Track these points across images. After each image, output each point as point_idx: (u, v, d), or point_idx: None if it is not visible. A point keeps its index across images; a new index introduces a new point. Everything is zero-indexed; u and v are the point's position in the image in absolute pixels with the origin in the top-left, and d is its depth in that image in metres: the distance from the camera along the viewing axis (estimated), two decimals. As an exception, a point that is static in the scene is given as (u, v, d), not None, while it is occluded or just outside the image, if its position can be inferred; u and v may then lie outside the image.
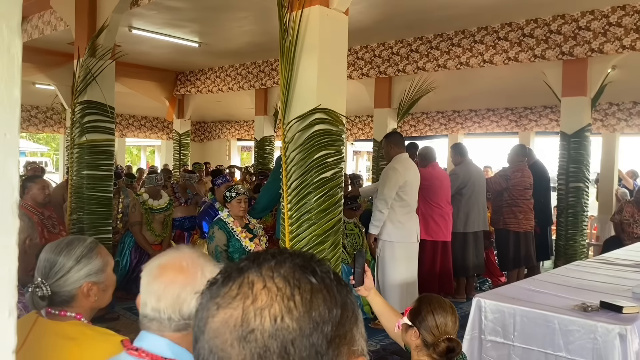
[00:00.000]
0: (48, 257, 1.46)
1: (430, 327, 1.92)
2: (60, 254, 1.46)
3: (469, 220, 5.99)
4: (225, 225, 4.13)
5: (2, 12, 0.73)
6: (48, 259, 1.46)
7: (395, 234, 4.92)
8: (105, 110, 5.29)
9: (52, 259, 1.46)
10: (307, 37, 3.48)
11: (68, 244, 1.49)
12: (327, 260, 3.44)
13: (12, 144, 0.75)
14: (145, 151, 25.45)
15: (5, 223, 0.74)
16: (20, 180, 5.53)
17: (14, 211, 0.75)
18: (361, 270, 2.12)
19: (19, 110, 0.76)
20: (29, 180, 4.29)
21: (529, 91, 9.26)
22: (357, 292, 2.19)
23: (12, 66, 0.75)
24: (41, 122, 12.71)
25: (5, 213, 0.74)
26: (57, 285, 1.43)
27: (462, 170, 6.16)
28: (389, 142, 5.14)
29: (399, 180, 4.86)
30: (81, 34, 5.47)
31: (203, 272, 1.18)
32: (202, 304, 0.60)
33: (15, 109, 0.76)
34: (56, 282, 1.43)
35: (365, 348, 0.61)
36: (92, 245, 1.52)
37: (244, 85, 9.55)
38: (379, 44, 7.75)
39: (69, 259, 1.45)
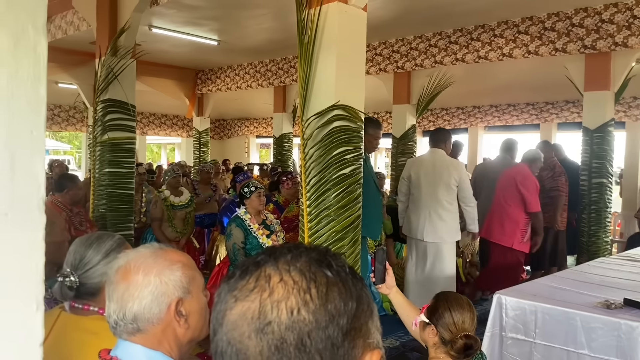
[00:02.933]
0: (78, 249, 1.51)
1: (448, 324, 1.91)
2: (90, 247, 1.51)
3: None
4: (242, 223, 4.16)
5: (28, 12, 0.74)
6: (78, 251, 1.50)
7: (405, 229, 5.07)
8: (127, 108, 5.36)
9: (81, 252, 1.50)
10: (325, 34, 3.48)
11: (98, 238, 1.54)
12: (346, 257, 3.45)
13: (38, 141, 0.77)
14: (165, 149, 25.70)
15: (33, 219, 0.76)
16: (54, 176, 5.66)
17: (41, 207, 0.77)
18: (382, 268, 2.12)
19: (45, 109, 0.78)
20: (69, 179, 4.35)
21: (550, 85, 9.13)
22: (378, 289, 2.18)
23: (38, 65, 0.77)
24: (64, 121, 12.93)
25: (32, 209, 0.76)
26: (85, 276, 1.47)
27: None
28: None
29: (404, 173, 5.10)
30: (103, 34, 5.54)
31: (146, 274, 1.14)
32: (220, 296, 0.61)
33: (41, 107, 0.77)
34: (84, 274, 1.47)
35: (380, 341, 0.62)
36: (120, 241, 1.56)
37: (263, 82, 9.59)
38: (398, 40, 7.72)
39: (97, 253, 1.49)
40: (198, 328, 1.21)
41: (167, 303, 1.14)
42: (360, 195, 3.64)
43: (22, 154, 0.74)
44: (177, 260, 1.18)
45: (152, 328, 1.13)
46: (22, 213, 0.74)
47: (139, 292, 1.12)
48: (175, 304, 1.14)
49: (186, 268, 1.19)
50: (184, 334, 1.17)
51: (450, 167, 4.79)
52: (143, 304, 1.12)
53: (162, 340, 1.14)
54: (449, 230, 4.77)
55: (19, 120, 0.74)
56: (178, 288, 1.15)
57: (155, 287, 1.13)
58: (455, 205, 4.79)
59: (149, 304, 1.12)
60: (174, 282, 1.15)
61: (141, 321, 1.12)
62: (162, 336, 1.14)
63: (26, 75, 0.75)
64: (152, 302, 1.12)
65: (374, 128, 4.43)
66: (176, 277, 1.16)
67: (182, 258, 1.21)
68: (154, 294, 1.12)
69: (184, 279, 1.17)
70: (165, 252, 1.20)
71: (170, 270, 1.15)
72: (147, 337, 1.13)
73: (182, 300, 1.16)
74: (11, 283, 0.73)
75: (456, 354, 1.89)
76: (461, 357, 1.89)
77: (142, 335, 1.12)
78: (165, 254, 1.19)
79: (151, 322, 1.12)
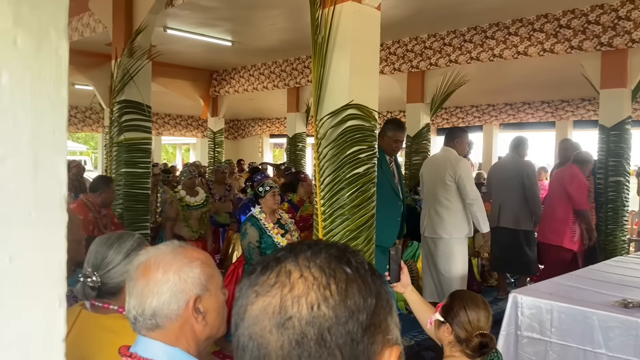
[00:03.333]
0: (99, 249, 1.53)
1: (463, 322, 1.91)
2: (111, 248, 1.53)
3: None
4: (257, 222, 4.18)
5: (50, 15, 0.76)
6: (99, 252, 1.53)
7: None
8: (142, 109, 5.41)
9: (103, 252, 1.53)
10: (339, 34, 3.49)
11: (118, 238, 1.56)
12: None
13: (60, 141, 0.79)
14: (180, 149, 25.88)
15: (55, 217, 0.78)
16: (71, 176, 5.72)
17: (63, 206, 0.79)
18: (397, 267, 2.12)
19: (67, 110, 0.80)
20: (103, 182, 4.40)
21: (565, 83, 9.04)
22: (393, 288, 2.19)
23: (60, 67, 0.79)
24: (80, 122, 13.08)
25: (54, 207, 0.78)
26: (106, 276, 1.49)
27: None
28: None
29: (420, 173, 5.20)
30: (118, 35, 5.60)
31: (166, 271, 1.15)
32: (241, 291, 0.62)
33: (62, 108, 0.79)
34: (106, 274, 1.50)
35: (399, 337, 0.63)
36: (140, 240, 1.59)
37: (278, 84, 9.62)
38: (412, 39, 7.69)
39: (118, 253, 1.52)
40: (216, 325, 1.22)
41: (186, 300, 1.15)
42: (375, 194, 3.63)
43: (45, 154, 0.76)
44: (196, 258, 1.20)
45: (171, 324, 1.14)
46: (45, 212, 0.76)
47: (158, 289, 1.13)
48: (193, 301, 1.16)
49: (205, 266, 1.20)
50: (202, 331, 1.18)
51: (448, 164, 4.79)
52: (162, 300, 1.14)
53: (180, 336, 1.15)
54: (445, 227, 4.72)
55: (41, 121, 0.76)
56: (196, 285, 1.17)
57: (174, 284, 1.14)
58: (454, 202, 4.73)
59: (168, 301, 1.14)
60: (192, 280, 1.16)
61: (160, 317, 1.14)
62: (180, 332, 1.15)
63: (48, 77, 0.77)
64: (171, 298, 1.14)
65: (393, 130, 4.28)
66: (195, 274, 1.17)
67: (201, 256, 1.23)
68: (172, 290, 1.14)
69: (202, 277, 1.18)
70: (185, 249, 1.22)
71: (189, 268, 1.17)
72: (166, 333, 1.14)
73: (200, 297, 1.17)
74: (35, 280, 0.75)
75: (471, 353, 1.88)
76: (476, 356, 1.89)
77: (161, 331, 1.14)
78: (185, 252, 1.21)
79: (169, 319, 1.14)
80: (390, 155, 4.37)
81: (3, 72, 0.71)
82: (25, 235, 0.74)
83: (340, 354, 0.56)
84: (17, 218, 0.73)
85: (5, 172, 0.71)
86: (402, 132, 4.33)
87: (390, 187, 4.25)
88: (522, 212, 5.61)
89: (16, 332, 0.73)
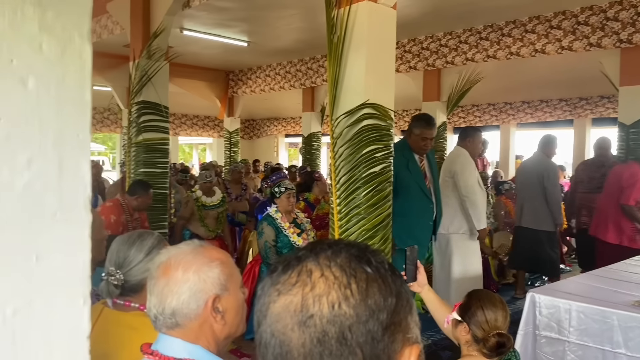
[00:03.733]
0: (121, 248, 1.56)
1: (480, 322, 1.90)
2: (133, 246, 1.56)
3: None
4: (273, 221, 4.20)
5: (74, 21, 0.78)
6: (121, 250, 1.56)
7: None
8: (160, 110, 5.47)
9: (125, 251, 1.56)
10: (355, 33, 3.49)
11: (139, 236, 1.59)
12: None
13: (84, 143, 0.81)
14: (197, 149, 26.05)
15: (80, 218, 0.80)
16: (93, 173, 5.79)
17: (87, 206, 0.81)
18: (413, 267, 2.12)
19: (90, 113, 0.82)
20: (142, 188, 4.44)
21: (584, 81, 8.93)
22: (409, 288, 2.19)
23: (84, 71, 0.81)
24: (98, 122, 13.23)
25: (79, 208, 0.80)
26: (128, 274, 1.52)
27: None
28: None
29: None
30: (136, 37, 5.67)
31: (185, 271, 1.16)
32: (263, 290, 0.63)
33: (86, 110, 0.81)
34: (128, 272, 1.52)
35: (419, 336, 0.63)
36: (160, 238, 1.62)
37: (294, 83, 9.65)
38: (427, 37, 7.66)
39: (140, 251, 1.55)
40: (235, 324, 1.23)
41: (205, 299, 1.16)
42: (390, 193, 3.63)
43: (70, 156, 0.78)
44: (215, 258, 1.21)
45: (190, 323, 1.16)
46: (70, 212, 0.78)
47: (178, 288, 1.15)
48: (212, 300, 1.17)
49: (224, 265, 1.21)
50: (221, 330, 1.19)
51: (449, 160, 4.74)
52: (181, 299, 1.15)
53: (200, 335, 1.17)
54: (443, 223, 4.60)
55: (66, 124, 0.78)
56: (215, 285, 1.18)
57: (193, 284, 1.16)
58: (451, 198, 4.66)
59: (187, 300, 1.15)
60: (211, 279, 1.18)
61: (179, 316, 1.15)
62: (199, 331, 1.17)
63: (72, 81, 0.79)
64: (190, 298, 1.15)
65: (421, 127, 4.00)
66: (214, 274, 1.18)
67: (221, 256, 1.24)
68: (192, 290, 1.15)
69: (221, 276, 1.19)
70: (205, 249, 1.23)
71: (208, 267, 1.18)
72: (185, 332, 1.16)
73: (219, 297, 1.18)
74: (59, 278, 0.77)
75: (489, 352, 1.87)
76: (494, 356, 1.88)
77: (181, 329, 1.16)
78: (205, 251, 1.22)
79: (189, 318, 1.15)
80: (420, 154, 4.11)
81: (29, 77, 0.73)
82: (51, 235, 0.76)
83: (360, 352, 0.57)
84: (43, 218, 0.75)
85: (31, 174, 0.73)
86: (430, 128, 4.03)
87: (419, 188, 4.03)
88: (543, 212, 5.51)
89: (42, 329, 0.75)
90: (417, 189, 4.01)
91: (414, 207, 3.94)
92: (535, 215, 5.55)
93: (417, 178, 4.04)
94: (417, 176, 4.04)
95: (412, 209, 3.90)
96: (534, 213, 5.56)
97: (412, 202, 3.90)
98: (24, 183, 0.73)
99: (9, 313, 0.71)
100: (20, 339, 0.72)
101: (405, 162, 3.96)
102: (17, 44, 0.72)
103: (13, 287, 0.72)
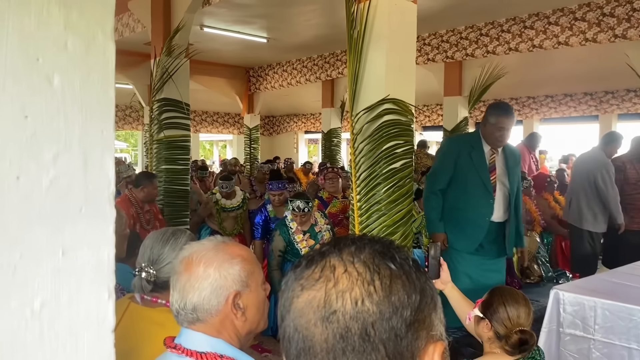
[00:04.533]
0: (155, 245, 1.58)
1: (502, 319, 1.87)
2: (167, 244, 1.58)
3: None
4: (287, 231, 4.05)
5: (98, 19, 0.79)
6: (155, 247, 1.58)
7: None
8: (181, 107, 5.51)
9: (159, 248, 1.58)
10: (375, 28, 3.47)
11: (173, 235, 1.61)
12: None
13: (108, 140, 0.82)
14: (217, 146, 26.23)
15: (104, 213, 0.81)
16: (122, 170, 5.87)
17: (111, 201, 0.82)
18: (436, 263, 2.10)
19: (114, 110, 0.83)
20: (146, 178, 4.44)
21: (610, 74, 8.75)
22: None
23: (107, 68, 0.82)
24: (120, 120, 13.41)
25: (103, 203, 0.81)
26: (160, 271, 1.54)
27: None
28: None
29: None
30: (157, 35, 5.72)
31: (207, 267, 1.17)
32: (287, 284, 0.64)
33: (110, 108, 0.82)
34: (161, 269, 1.54)
35: (443, 333, 0.63)
36: (191, 237, 1.63)
37: (310, 77, 9.65)
38: (448, 31, 7.59)
39: (174, 250, 1.56)
40: (255, 321, 1.24)
41: (225, 296, 1.17)
42: (411, 189, 3.60)
43: (94, 153, 0.79)
44: (237, 255, 1.22)
45: (211, 319, 1.17)
46: (95, 207, 0.79)
47: (199, 284, 1.16)
48: (233, 297, 1.18)
49: (246, 262, 1.22)
50: (242, 326, 1.20)
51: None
52: (202, 295, 1.16)
53: (222, 330, 1.18)
54: None
55: (90, 120, 0.79)
56: (236, 282, 1.19)
57: (214, 280, 1.17)
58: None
59: (208, 296, 1.16)
60: (232, 276, 1.19)
61: (200, 312, 1.16)
62: (220, 327, 1.18)
63: (96, 78, 0.80)
64: (211, 294, 1.16)
65: (497, 115, 3.54)
66: (235, 271, 1.19)
67: (243, 252, 1.25)
68: (213, 286, 1.16)
69: (242, 273, 1.20)
70: (227, 245, 1.24)
71: (229, 264, 1.19)
72: (207, 327, 1.17)
73: (240, 293, 1.19)
74: (85, 273, 0.79)
75: (511, 349, 1.85)
76: (516, 353, 1.85)
77: (202, 324, 1.17)
78: (227, 248, 1.23)
79: (210, 313, 1.17)
80: (494, 147, 3.63)
81: (55, 75, 0.74)
82: (76, 230, 0.77)
83: (384, 349, 0.57)
84: (69, 213, 0.76)
85: (57, 170, 0.75)
86: (507, 117, 3.55)
87: (480, 180, 3.59)
88: (588, 211, 5.26)
89: (68, 322, 0.76)
90: (478, 181, 3.59)
91: (470, 200, 3.59)
92: (579, 213, 5.33)
93: (480, 169, 3.60)
94: (480, 167, 3.60)
95: (468, 202, 3.58)
96: (578, 211, 5.33)
97: (469, 195, 3.58)
98: (50, 179, 0.74)
99: (36, 306, 0.72)
100: (48, 332, 0.73)
101: (469, 149, 3.60)
102: (43, 43, 0.73)
103: (41, 281, 0.73)
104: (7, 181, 0.70)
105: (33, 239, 0.72)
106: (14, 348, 0.70)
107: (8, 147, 0.70)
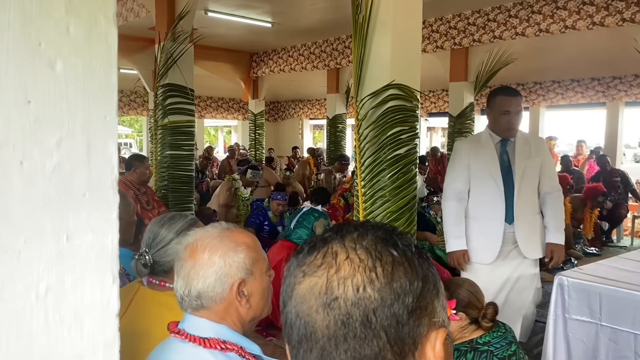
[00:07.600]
0: (152, 229, 1.59)
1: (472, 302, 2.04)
2: (163, 227, 1.58)
3: None
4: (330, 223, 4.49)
5: (99, 4, 0.79)
6: (152, 231, 1.59)
7: None
8: (186, 92, 5.50)
9: (155, 231, 1.58)
10: (380, 13, 3.44)
11: (170, 219, 1.61)
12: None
13: (111, 125, 0.82)
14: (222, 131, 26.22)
15: (107, 198, 0.81)
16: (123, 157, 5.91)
17: (115, 187, 0.82)
18: None
19: (117, 95, 0.83)
20: (137, 159, 4.49)
21: (617, 59, 8.66)
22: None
23: (110, 54, 0.82)
24: (125, 105, 13.41)
25: (107, 189, 0.81)
26: (157, 255, 1.55)
27: None
28: None
29: None
30: (161, 20, 5.69)
31: (212, 255, 1.18)
32: (289, 270, 0.64)
33: (113, 93, 0.82)
34: (157, 252, 1.55)
35: (446, 320, 0.63)
36: (192, 221, 1.63)
37: (317, 64, 9.59)
38: (455, 15, 7.52)
39: (169, 232, 1.56)
40: (259, 308, 1.24)
41: (230, 283, 1.18)
42: (415, 175, 3.59)
43: (97, 138, 0.79)
44: (242, 242, 1.22)
45: (215, 306, 1.18)
46: (98, 193, 0.80)
47: (204, 272, 1.17)
48: (237, 284, 1.18)
49: (250, 250, 1.22)
50: (246, 313, 1.21)
51: None
52: (207, 283, 1.17)
53: (226, 317, 1.19)
54: None
55: (93, 106, 0.79)
56: (241, 269, 1.19)
57: (219, 268, 1.17)
58: None
59: (213, 284, 1.17)
60: (237, 264, 1.19)
61: (205, 299, 1.17)
62: (225, 313, 1.18)
63: (99, 63, 0.80)
64: (216, 282, 1.17)
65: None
66: (240, 258, 1.20)
67: (247, 240, 1.25)
68: (217, 274, 1.17)
69: (247, 261, 1.20)
70: (232, 232, 1.24)
71: (234, 252, 1.19)
72: (211, 313, 1.18)
73: (245, 281, 1.20)
74: (89, 258, 0.79)
75: (490, 322, 2.02)
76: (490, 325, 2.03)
77: (206, 311, 1.18)
78: (231, 235, 1.23)
79: (214, 301, 1.17)
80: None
81: (57, 60, 0.74)
82: (80, 215, 0.78)
83: (385, 335, 0.57)
84: (73, 199, 0.77)
85: (61, 155, 0.75)
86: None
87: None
88: None
89: (73, 307, 0.77)
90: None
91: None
92: None
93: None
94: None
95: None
96: None
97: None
98: (53, 164, 0.74)
99: (41, 291, 0.73)
100: (53, 316, 0.74)
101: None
102: (45, 28, 0.73)
103: (45, 266, 0.74)
104: (10, 166, 0.70)
105: (37, 225, 0.73)
106: (19, 331, 0.71)
107: (11, 132, 0.70)
